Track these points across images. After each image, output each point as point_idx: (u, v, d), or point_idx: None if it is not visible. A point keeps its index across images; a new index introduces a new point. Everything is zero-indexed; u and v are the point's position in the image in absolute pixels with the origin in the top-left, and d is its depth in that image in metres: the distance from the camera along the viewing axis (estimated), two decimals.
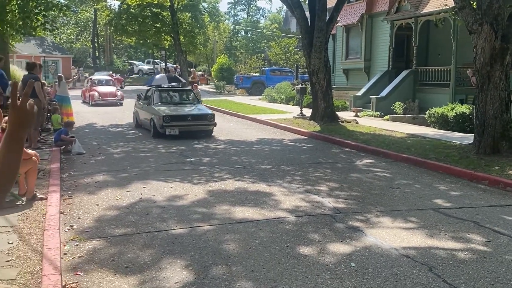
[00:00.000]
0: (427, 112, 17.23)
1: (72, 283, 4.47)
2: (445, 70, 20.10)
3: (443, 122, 16.13)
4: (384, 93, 21.41)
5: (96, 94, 25.15)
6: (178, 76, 20.36)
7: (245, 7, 78.01)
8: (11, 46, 20.47)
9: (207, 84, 49.01)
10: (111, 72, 44.86)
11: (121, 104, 25.14)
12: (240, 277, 4.61)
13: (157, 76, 18.92)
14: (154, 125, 14.02)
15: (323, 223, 6.24)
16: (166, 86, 16.64)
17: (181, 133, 13.74)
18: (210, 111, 15.30)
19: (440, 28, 20.84)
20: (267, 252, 5.23)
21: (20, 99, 1.80)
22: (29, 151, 7.25)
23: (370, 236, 5.74)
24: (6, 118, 5.27)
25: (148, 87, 17.00)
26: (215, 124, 14.52)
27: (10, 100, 1.84)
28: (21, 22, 17.24)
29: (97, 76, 31.88)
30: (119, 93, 26.54)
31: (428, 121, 16.91)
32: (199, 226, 6.08)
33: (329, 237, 5.71)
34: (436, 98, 19.71)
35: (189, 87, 20.29)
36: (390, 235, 5.81)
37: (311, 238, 5.67)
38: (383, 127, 16.07)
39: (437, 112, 16.48)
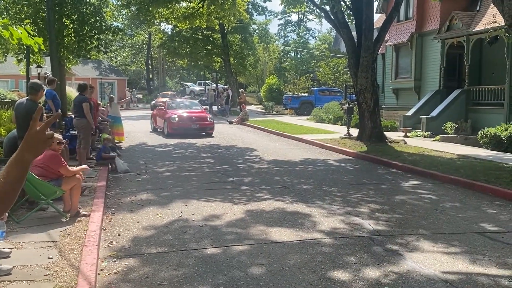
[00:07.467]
0: (479, 133, 16.63)
1: None
2: (499, 89, 19.39)
3: (496, 143, 15.51)
4: (435, 113, 20.87)
5: None
6: None
7: (295, 28, 78.42)
8: (67, 68, 21.43)
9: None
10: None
11: None
12: None
13: None
14: None
15: (360, 246, 6.09)
16: None
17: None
18: None
19: (493, 46, 20.19)
20: (300, 273, 5.15)
21: (40, 126, 1.79)
22: (74, 168, 7.49)
23: (408, 260, 5.56)
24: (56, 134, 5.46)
25: None
26: None
27: (31, 123, 1.80)
28: (76, 45, 18.13)
29: None
30: None
31: (481, 142, 16.30)
32: (234, 246, 6.08)
33: (365, 260, 5.57)
34: (490, 118, 19.01)
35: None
36: (430, 259, 5.60)
37: (346, 261, 5.54)
38: (432, 148, 15.62)
39: (490, 133, 15.87)
